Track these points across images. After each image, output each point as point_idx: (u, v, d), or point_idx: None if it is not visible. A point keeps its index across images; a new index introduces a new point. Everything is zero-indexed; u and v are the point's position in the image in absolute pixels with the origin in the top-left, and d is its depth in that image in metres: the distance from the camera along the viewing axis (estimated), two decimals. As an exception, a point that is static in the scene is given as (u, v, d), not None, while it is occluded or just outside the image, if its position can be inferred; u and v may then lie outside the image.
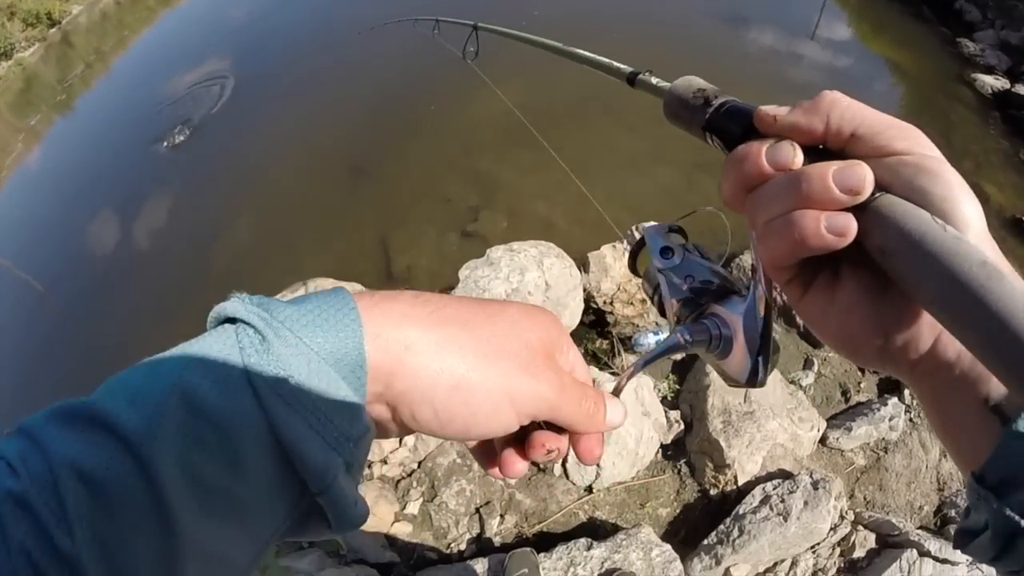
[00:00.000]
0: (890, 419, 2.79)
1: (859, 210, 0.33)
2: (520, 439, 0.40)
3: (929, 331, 0.35)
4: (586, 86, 5.01)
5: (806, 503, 2.38)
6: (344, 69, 6.07)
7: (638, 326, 2.80)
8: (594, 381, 0.48)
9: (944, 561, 2.42)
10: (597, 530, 2.37)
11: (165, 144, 5.34)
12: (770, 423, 2.48)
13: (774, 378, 2.67)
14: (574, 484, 2.45)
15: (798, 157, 0.34)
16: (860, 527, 2.56)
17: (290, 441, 0.29)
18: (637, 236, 0.52)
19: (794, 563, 2.43)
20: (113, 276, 4.45)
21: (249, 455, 0.29)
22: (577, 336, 2.84)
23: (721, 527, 2.32)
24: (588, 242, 3.01)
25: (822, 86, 0.38)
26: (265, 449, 0.30)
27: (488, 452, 0.42)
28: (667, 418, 2.57)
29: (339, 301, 0.33)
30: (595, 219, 3.75)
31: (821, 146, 0.36)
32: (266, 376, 0.29)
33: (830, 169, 0.32)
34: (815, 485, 2.41)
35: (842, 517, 2.54)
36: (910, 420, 2.90)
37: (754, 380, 0.42)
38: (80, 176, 5.63)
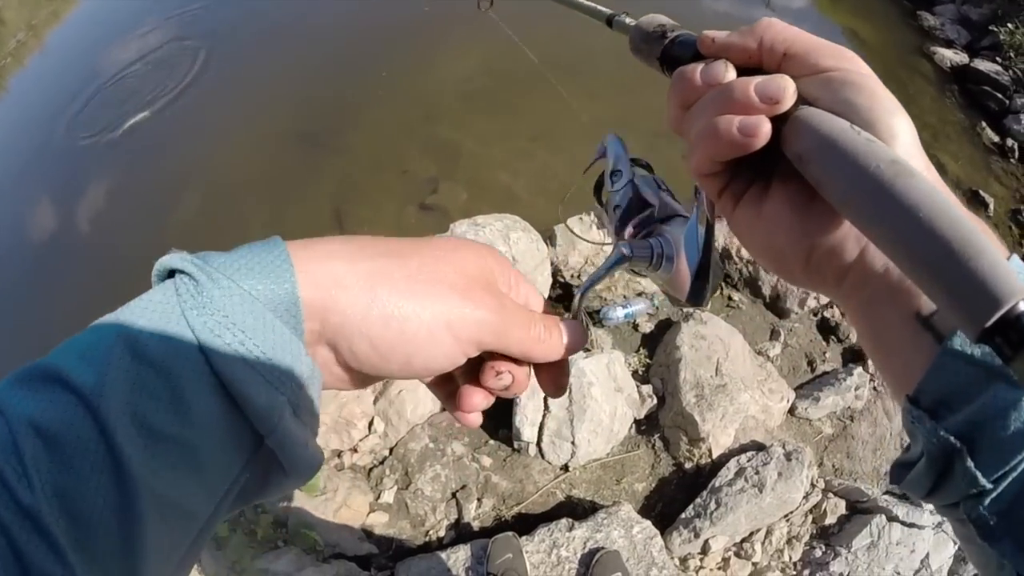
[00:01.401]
0: (856, 388, 2.83)
1: (782, 121, 0.33)
2: (477, 374, 0.39)
3: (855, 242, 0.34)
4: (550, 53, 4.93)
5: (780, 474, 2.40)
6: (301, 31, 5.78)
7: (606, 299, 2.76)
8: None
9: (911, 525, 2.50)
10: (575, 508, 2.35)
11: (107, 125, 5.05)
12: (742, 396, 2.49)
13: (743, 350, 2.68)
14: (550, 463, 2.41)
15: (729, 74, 0.36)
16: (831, 495, 2.61)
17: (232, 381, 0.29)
18: (599, 148, 0.54)
19: (769, 532, 2.46)
20: (60, 260, 4.22)
21: (195, 399, 0.29)
22: (546, 310, 2.77)
23: (698, 500, 2.33)
24: (551, 214, 2.94)
25: None
26: (210, 392, 0.29)
27: (452, 394, 0.41)
28: (639, 393, 2.55)
29: (270, 246, 0.33)
30: (558, 188, 3.71)
31: (758, 68, 0.36)
32: (203, 319, 0.29)
33: (753, 80, 0.33)
34: (788, 456, 2.43)
35: (813, 486, 2.58)
36: (874, 389, 2.95)
37: (696, 299, 0.43)
38: (13, 162, 5.31)
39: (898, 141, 0.31)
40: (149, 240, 3.91)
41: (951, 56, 5.89)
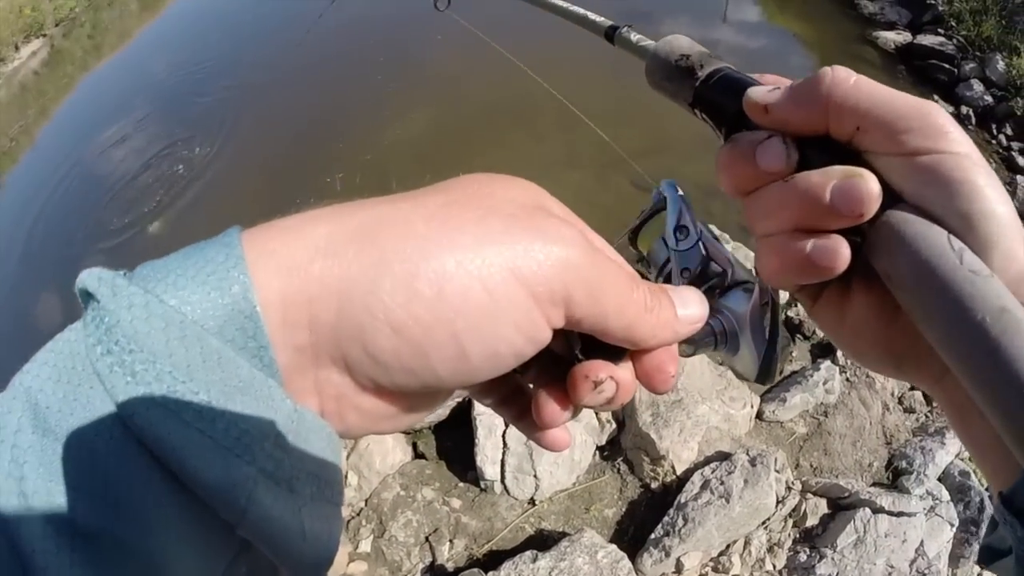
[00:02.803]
0: (825, 383, 2.81)
1: (868, 223, 0.28)
2: (556, 377, 0.28)
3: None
4: (494, 100, 5.06)
5: (746, 481, 2.37)
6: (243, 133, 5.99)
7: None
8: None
9: (900, 514, 2.45)
10: (545, 540, 2.35)
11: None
12: (699, 408, 2.49)
13: (701, 361, 2.68)
14: (516, 499, 2.43)
15: (791, 159, 0.30)
16: (809, 495, 2.57)
17: (165, 453, 0.19)
18: (656, 198, 0.45)
19: (747, 542, 2.43)
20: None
21: (122, 480, 0.19)
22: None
23: (666, 519, 2.31)
24: None
25: (742, 68, 0.34)
26: (144, 470, 0.20)
27: (513, 401, 0.31)
28: (598, 419, 2.56)
29: (218, 239, 0.22)
30: None
31: (824, 135, 0.30)
32: (110, 361, 0.20)
33: (828, 183, 0.27)
34: (752, 462, 2.42)
35: (788, 488, 2.55)
36: (847, 380, 2.92)
37: (764, 377, 0.39)
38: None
39: (997, 249, 0.26)
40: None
41: (894, 37, 5.97)
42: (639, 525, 2.42)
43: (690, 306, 0.30)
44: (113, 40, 10.34)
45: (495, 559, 2.29)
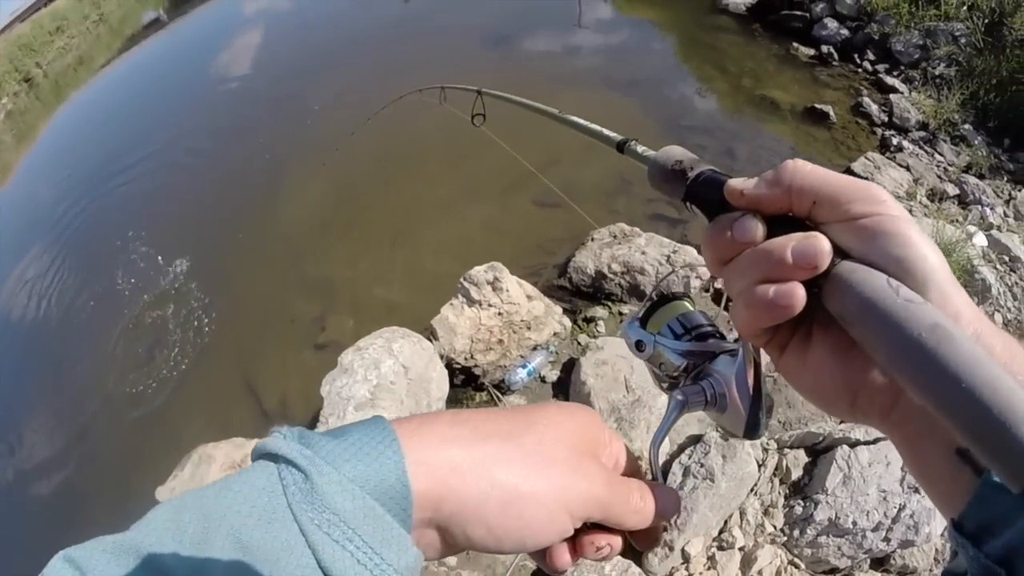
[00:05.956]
0: (768, 339, 2.88)
1: (823, 277, 0.34)
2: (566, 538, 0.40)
3: (895, 387, 0.36)
4: (384, 153, 5.11)
5: (724, 456, 2.41)
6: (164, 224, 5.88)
7: (505, 367, 2.79)
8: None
9: (876, 440, 2.50)
10: (549, 567, 2.33)
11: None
12: (659, 400, 2.52)
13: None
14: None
15: (760, 231, 0.37)
16: (787, 449, 2.62)
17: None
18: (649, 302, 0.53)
19: (743, 513, 2.45)
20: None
21: None
22: (455, 400, 2.82)
23: (659, 516, 2.31)
24: (430, 309, 3.00)
25: (607, 68, 0.40)
26: None
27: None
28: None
29: (378, 431, 0.33)
30: (430, 281, 3.79)
31: (788, 213, 0.38)
32: (311, 515, 0.29)
33: (789, 244, 0.35)
34: (724, 436, 2.45)
35: (765, 450, 2.59)
36: (789, 330, 3.00)
37: (751, 433, 0.44)
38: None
39: (932, 285, 0.33)
40: (85, 453, 3.82)
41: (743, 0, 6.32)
42: (636, 531, 2.42)
43: (667, 505, 0.41)
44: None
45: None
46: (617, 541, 0.40)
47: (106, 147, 7.96)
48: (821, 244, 0.34)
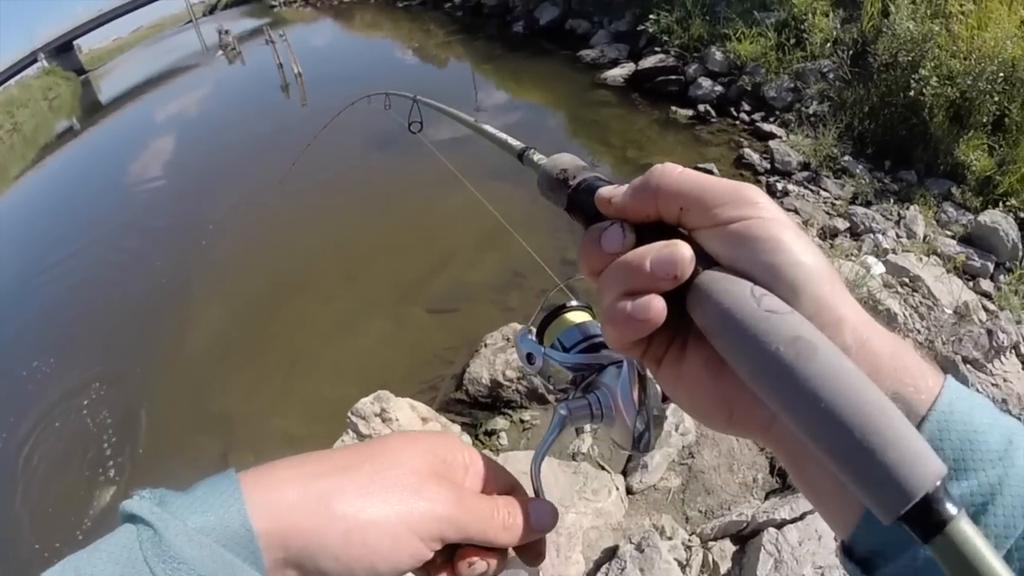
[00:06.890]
0: (676, 428, 2.82)
1: (686, 287, 0.32)
2: (448, 559, 0.39)
3: None
4: (277, 274, 5.05)
5: (642, 570, 2.28)
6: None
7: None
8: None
9: (802, 516, 2.43)
10: None
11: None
12: (567, 518, 2.40)
13: (552, 467, 2.61)
14: None
15: (627, 240, 0.35)
16: (711, 543, 2.52)
17: None
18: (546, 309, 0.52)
19: (675, 624, 2.31)
20: None
21: None
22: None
23: (582, 653, 2.16)
24: (329, 435, 2.88)
25: (499, 153, 0.42)
26: None
27: None
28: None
29: (224, 483, 0.34)
30: (329, 409, 3.70)
31: (659, 221, 0.35)
32: (163, 565, 0.30)
33: (649, 254, 0.33)
34: (639, 547, 2.34)
35: (688, 548, 2.48)
36: (696, 411, 2.94)
37: (639, 445, 0.43)
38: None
39: (804, 295, 0.30)
40: None
41: (620, 72, 6.60)
42: (563, 672, 2.24)
43: (541, 518, 0.41)
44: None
45: None
46: (494, 557, 0.39)
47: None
48: (680, 252, 0.32)
